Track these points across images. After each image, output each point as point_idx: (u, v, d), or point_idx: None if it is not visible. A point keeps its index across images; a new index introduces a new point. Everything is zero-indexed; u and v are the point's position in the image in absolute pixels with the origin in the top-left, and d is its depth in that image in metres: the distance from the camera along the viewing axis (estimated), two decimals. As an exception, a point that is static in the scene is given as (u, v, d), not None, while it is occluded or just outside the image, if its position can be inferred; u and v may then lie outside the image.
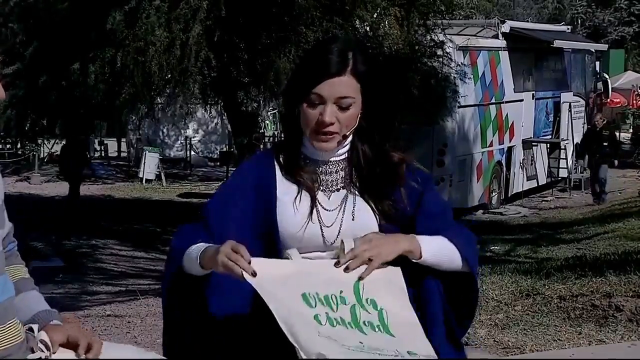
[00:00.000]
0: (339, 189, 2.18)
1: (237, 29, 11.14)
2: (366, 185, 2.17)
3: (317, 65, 2.13)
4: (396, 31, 11.35)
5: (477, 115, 16.38)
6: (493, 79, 16.88)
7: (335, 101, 2.10)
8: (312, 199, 2.14)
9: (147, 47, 10.33)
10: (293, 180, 2.17)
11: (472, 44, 16.08)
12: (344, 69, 2.11)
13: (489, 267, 9.08)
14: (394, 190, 2.17)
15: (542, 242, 12.51)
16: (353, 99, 2.13)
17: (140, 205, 17.73)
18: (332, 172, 2.19)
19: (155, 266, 12.17)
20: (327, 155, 2.19)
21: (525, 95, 18.11)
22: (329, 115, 2.10)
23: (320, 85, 2.10)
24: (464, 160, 16.05)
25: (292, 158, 2.20)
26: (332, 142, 2.14)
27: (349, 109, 2.12)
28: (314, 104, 2.11)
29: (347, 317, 1.91)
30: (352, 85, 2.13)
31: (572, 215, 16.08)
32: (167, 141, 26.93)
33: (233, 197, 2.17)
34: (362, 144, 2.19)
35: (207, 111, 15.98)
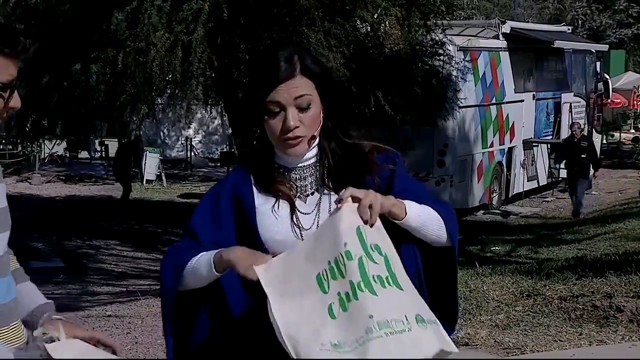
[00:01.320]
0: (314, 192, 2.20)
1: (238, 30, 11.14)
2: (339, 182, 2.17)
3: (267, 75, 2.14)
4: (397, 31, 11.34)
5: (477, 115, 16.39)
6: (494, 79, 16.88)
7: (294, 104, 2.11)
8: (290, 205, 2.16)
9: (149, 48, 10.33)
10: (269, 190, 2.19)
11: (473, 44, 16.09)
12: (294, 71, 2.13)
13: (490, 267, 9.09)
14: (365, 180, 2.17)
15: (542, 243, 12.51)
16: (310, 96, 2.13)
17: (140, 205, 17.74)
18: (306, 176, 2.20)
19: (156, 267, 12.16)
20: (299, 160, 2.20)
21: (526, 96, 18.12)
22: (292, 119, 2.11)
23: (274, 93, 2.11)
24: (464, 161, 16.06)
25: (266, 169, 2.21)
26: (302, 145, 2.15)
27: (310, 108, 2.13)
28: (274, 112, 2.12)
29: (356, 276, 1.90)
30: (306, 84, 2.14)
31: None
32: (167, 142, 26.93)
33: (215, 210, 2.20)
34: (329, 143, 2.20)
35: (208, 112, 15.96)
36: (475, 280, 7.83)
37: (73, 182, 21.57)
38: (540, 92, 18.68)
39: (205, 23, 10.36)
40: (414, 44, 12.38)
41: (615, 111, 30.02)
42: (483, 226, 14.75)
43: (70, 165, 23.92)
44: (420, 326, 1.89)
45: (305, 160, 2.20)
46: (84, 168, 23.88)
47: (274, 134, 2.14)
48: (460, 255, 11.95)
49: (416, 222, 2.09)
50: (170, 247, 2.25)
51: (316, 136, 2.17)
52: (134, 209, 17.17)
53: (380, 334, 1.84)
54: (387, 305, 1.88)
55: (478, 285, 7.59)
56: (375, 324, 1.85)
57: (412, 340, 1.86)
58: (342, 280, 1.90)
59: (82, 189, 20.62)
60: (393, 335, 1.85)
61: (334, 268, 1.92)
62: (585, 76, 20.66)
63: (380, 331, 1.84)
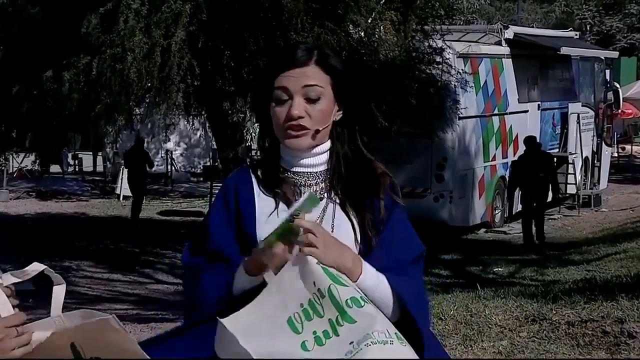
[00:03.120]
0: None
1: (222, 35, 11.15)
2: (347, 195, 2.18)
3: (280, 60, 2.17)
4: (392, 37, 11.38)
5: (479, 127, 16.42)
6: (496, 88, 16.93)
7: (303, 93, 2.12)
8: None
9: (126, 53, 10.33)
10: (272, 195, 2.19)
11: (474, 50, 16.14)
12: (309, 60, 2.15)
13: (492, 290, 9.08)
14: (373, 201, 2.18)
15: (548, 264, 12.52)
16: (321, 88, 2.14)
17: (117, 223, 17.68)
18: (312, 184, 2.21)
19: (133, 290, 12.12)
20: (303, 156, 2.19)
21: (531, 106, 18.18)
22: (297, 107, 2.11)
23: (283, 78, 2.13)
24: (465, 175, 16.08)
25: (271, 172, 2.22)
26: (305, 138, 2.15)
27: (319, 100, 2.14)
28: (281, 100, 2.13)
29: (333, 312, 1.95)
30: (319, 75, 2.15)
31: (581, 234, 16.10)
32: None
33: (227, 219, 2.20)
34: (342, 150, 2.21)
35: (190, 122, 15.97)
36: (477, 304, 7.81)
37: (44, 199, 21.50)
38: (545, 102, 18.74)
39: (186, 27, 10.37)
40: (411, 50, 12.42)
41: (626, 122, 30.14)
42: (485, 245, 14.76)
43: (40, 181, 23.84)
44: (400, 342, 1.95)
45: (315, 165, 2.20)
46: (55, 183, 23.80)
47: (277, 121, 2.15)
48: (461, 277, 11.98)
49: (368, 293, 2.07)
50: (204, 274, 2.17)
51: (321, 132, 2.16)
52: (109, 227, 17.11)
53: (361, 347, 1.90)
54: (366, 325, 1.93)
55: (479, 309, 7.57)
56: (355, 344, 1.91)
57: (394, 352, 1.91)
58: (320, 320, 1.95)
59: (53, 205, 20.55)
60: (375, 345, 1.90)
61: (308, 310, 1.96)
62: (593, 85, 20.75)
63: (360, 345, 1.90)
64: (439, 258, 13.36)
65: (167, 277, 12.75)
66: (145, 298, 11.48)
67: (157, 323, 9.25)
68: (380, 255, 2.14)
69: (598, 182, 20.60)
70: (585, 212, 18.78)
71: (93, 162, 27.63)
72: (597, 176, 20.58)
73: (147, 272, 13.25)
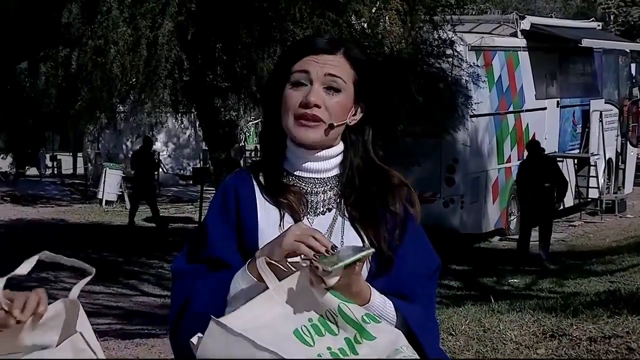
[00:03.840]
0: (325, 212, 2.16)
1: (213, 26, 11.15)
2: (359, 209, 2.15)
3: (304, 44, 2.17)
4: (398, 28, 11.38)
5: (492, 125, 16.43)
6: (511, 83, 16.94)
7: (324, 81, 2.10)
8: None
9: (108, 45, 10.34)
10: (275, 203, 2.15)
11: (487, 43, 16.15)
12: (336, 49, 2.13)
13: (507, 303, 9.08)
14: (387, 216, 2.15)
15: (569, 274, 12.52)
16: (344, 82, 2.12)
17: (99, 231, 17.69)
18: (319, 192, 2.17)
19: (116, 303, 12.11)
20: (317, 170, 2.17)
21: (549, 103, 18.19)
22: (315, 94, 2.08)
23: (306, 60, 2.11)
24: (477, 179, 16.08)
25: (274, 177, 2.18)
26: (316, 131, 2.11)
27: (339, 93, 2.11)
28: (298, 83, 2.10)
29: (350, 330, 1.96)
30: (345, 68, 2.13)
31: (604, 242, 16.09)
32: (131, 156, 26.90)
33: (229, 229, 2.15)
34: (355, 158, 2.18)
35: (178, 121, 15.98)
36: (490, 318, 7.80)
37: (19, 204, 21.49)
38: (565, 98, 18.75)
39: (173, 17, 10.38)
40: (418, 42, 12.42)
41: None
42: (499, 254, 14.76)
43: (16, 184, 23.84)
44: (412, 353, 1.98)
45: (324, 171, 2.17)
46: (32, 187, 23.80)
47: (290, 105, 2.10)
48: (473, 289, 11.97)
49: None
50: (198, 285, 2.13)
51: (335, 129, 2.13)
52: (91, 235, 17.12)
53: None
54: (390, 341, 1.96)
55: (493, 323, 7.57)
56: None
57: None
58: (334, 337, 1.94)
59: (30, 211, 20.55)
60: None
61: (319, 326, 1.94)
62: (617, 80, 20.76)
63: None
64: (449, 268, 13.34)
65: (154, 289, 12.74)
66: (129, 311, 11.47)
67: (142, 339, 9.23)
68: (393, 274, 2.13)
69: (622, 185, 20.59)
70: (609, 219, 18.77)
71: (73, 164, 27.67)
72: (622, 179, 20.58)
73: (131, 284, 13.24)
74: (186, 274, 2.15)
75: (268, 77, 2.25)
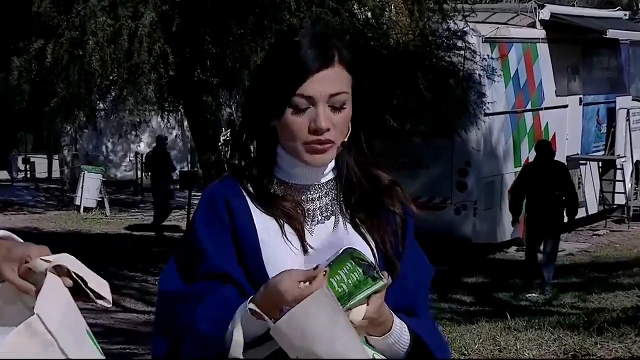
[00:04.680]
0: (324, 220, 2.17)
1: (201, 16, 11.15)
2: (360, 213, 2.17)
3: (298, 61, 2.11)
4: (405, 18, 11.41)
5: (508, 125, 16.43)
6: (529, 79, 16.94)
7: (328, 102, 2.11)
8: (299, 237, 2.13)
9: (86, 37, 10.34)
10: (271, 214, 2.14)
11: (503, 34, 16.15)
12: (332, 59, 2.12)
13: (525, 319, 9.07)
14: (389, 218, 2.18)
15: (592, 288, 12.50)
16: (347, 94, 2.13)
17: (77, 240, 17.67)
18: (315, 198, 2.18)
19: (95, 320, 12.09)
20: (312, 176, 2.18)
21: (571, 100, 18.18)
22: (325, 119, 2.09)
23: (306, 84, 2.09)
24: (491, 183, 16.07)
25: (266, 186, 2.18)
26: (330, 152, 2.13)
27: (344, 108, 2.13)
28: (300, 109, 2.10)
29: None
30: (344, 78, 2.14)
31: (632, 253, 16.08)
32: (112, 158, 26.92)
33: (224, 242, 2.13)
34: (350, 160, 2.20)
35: (164, 120, 15.98)
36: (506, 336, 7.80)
37: (-11, 211, 21.50)
38: (588, 95, 18.74)
39: (157, 6, 10.39)
40: (427, 34, 12.43)
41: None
42: (516, 266, 14.72)
43: (-15, 189, 23.85)
44: None
45: (320, 177, 2.19)
46: (3, 192, 23.79)
47: (296, 135, 2.11)
48: (487, 304, 11.97)
49: (385, 347, 2.13)
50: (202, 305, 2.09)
51: (345, 142, 2.16)
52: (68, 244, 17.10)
53: None
54: None
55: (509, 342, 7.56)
56: None
57: None
58: None
59: (0, 219, 20.54)
60: None
61: None
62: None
63: None
64: (461, 281, 13.34)
65: (137, 305, 12.72)
66: (110, 329, 11.45)
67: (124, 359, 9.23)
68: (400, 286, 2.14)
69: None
70: (637, 227, 18.76)
71: (48, 167, 27.65)
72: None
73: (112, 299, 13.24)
74: (185, 297, 2.11)
75: (255, 94, 2.21)
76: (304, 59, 2.11)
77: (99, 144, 25.92)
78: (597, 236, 18.13)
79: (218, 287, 2.08)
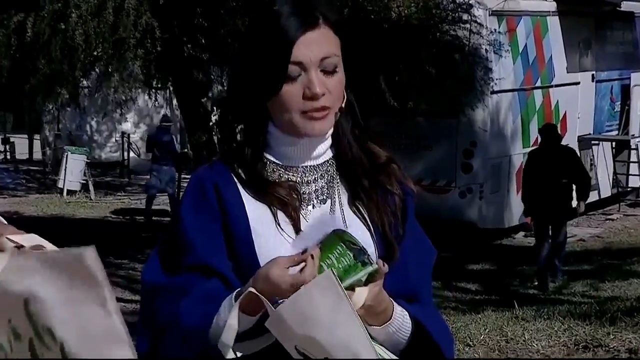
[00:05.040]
0: (320, 204, 2.18)
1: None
2: (358, 194, 2.18)
3: (281, 29, 2.10)
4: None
5: (516, 103, 16.42)
6: (538, 54, 16.92)
7: (319, 65, 2.10)
8: (294, 225, 2.13)
9: (69, 10, 10.32)
10: (263, 200, 2.14)
11: (511, 6, 16.12)
12: (317, 21, 2.12)
13: (533, 309, 9.09)
14: (387, 198, 2.18)
15: (605, 276, 12.52)
16: (337, 57, 2.13)
17: (59, 225, 17.67)
18: (311, 181, 2.18)
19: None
20: (307, 155, 2.17)
21: (583, 77, 18.17)
22: (319, 84, 2.09)
23: (294, 51, 2.09)
24: (499, 165, 16.07)
25: (258, 169, 2.17)
26: (328, 121, 2.14)
27: (336, 72, 2.13)
28: (291, 77, 2.09)
29: None
30: (332, 40, 2.14)
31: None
32: (96, 139, 26.87)
33: (212, 232, 2.13)
34: (346, 137, 2.20)
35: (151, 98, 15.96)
36: (514, 326, 7.82)
37: (-34, 194, 21.50)
38: (601, 71, 18.72)
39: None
40: (430, 6, 12.40)
41: None
42: (524, 253, 14.74)
43: (-38, 172, 23.84)
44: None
45: (317, 157, 2.19)
46: (-19, 175, 23.78)
47: (292, 104, 2.11)
48: (494, 292, 11.99)
49: (386, 336, 2.13)
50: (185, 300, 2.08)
51: (342, 109, 2.16)
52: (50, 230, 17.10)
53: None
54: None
55: (517, 332, 7.59)
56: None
57: None
58: None
59: (-22, 203, 20.55)
60: None
61: None
62: (663, 50, 20.74)
63: None
64: (466, 269, 13.36)
65: (123, 293, 12.74)
66: (95, 320, 11.50)
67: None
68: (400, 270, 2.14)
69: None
70: (652, 211, 18.81)
71: (29, 148, 27.63)
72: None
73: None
74: (169, 290, 2.11)
75: (241, 70, 2.20)
76: (287, 26, 2.10)
77: (82, 123, 25.84)
78: (610, 221, 18.15)
79: (203, 280, 2.08)
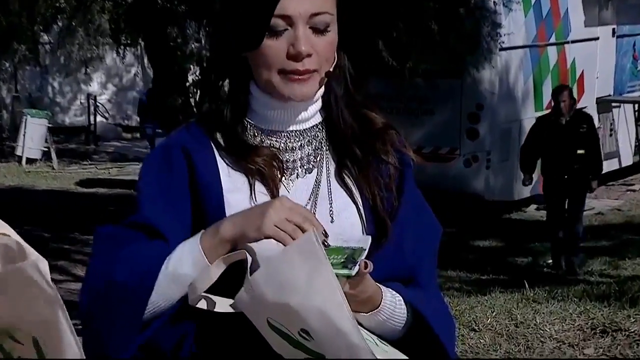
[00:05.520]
0: (305, 174, 2.18)
1: None
2: (346, 165, 2.18)
3: None
4: None
5: (528, 61, 16.43)
6: (553, 6, 16.92)
7: (309, 22, 2.09)
8: (272, 195, 2.12)
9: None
10: (240, 168, 2.14)
11: (521, -47, 16.11)
12: None
13: (546, 290, 9.13)
14: (380, 168, 2.18)
15: (625, 253, 12.57)
16: (331, 15, 2.13)
17: (18, 197, 17.67)
18: (296, 147, 2.18)
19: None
20: (292, 119, 2.17)
21: (602, 31, 18.17)
22: (305, 42, 2.08)
23: (282, 2, 2.07)
24: (508, 130, 16.10)
25: (237, 134, 2.17)
26: (312, 84, 2.13)
27: (327, 31, 2.12)
28: (275, 31, 2.08)
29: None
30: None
31: (672, 212, 16.17)
32: (59, 101, 26.84)
33: (169, 194, 2.13)
34: (336, 100, 2.19)
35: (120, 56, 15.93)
36: (524, 309, 7.85)
37: None
38: (623, 25, 18.73)
39: None
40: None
41: None
42: (536, 228, 14.79)
43: None
44: None
45: (302, 121, 2.19)
46: None
47: (272, 60, 2.10)
48: (502, 272, 12.04)
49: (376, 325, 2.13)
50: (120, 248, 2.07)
51: (324, 78, 2.15)
52: (8, 202, 17.11)
53: None
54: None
55: (528, 316, 7.62)
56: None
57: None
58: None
59: None
60: None
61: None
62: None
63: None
64: (472, 245, 13.40)
65: (90, 273, 12.79)
66: (58, 302, 11.53)
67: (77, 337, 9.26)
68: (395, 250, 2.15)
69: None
70: (678, 181, 18.89)
71: (-16, 112, 27.58)
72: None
73: (61, 266, 13.25)
74: (107, 238, 2.11)
75: (223, 19, 2.19)
76: None
77: (43, 84, 25.83)
78: (632, 192, 18.22)
79: (144, 239, 2.07)
